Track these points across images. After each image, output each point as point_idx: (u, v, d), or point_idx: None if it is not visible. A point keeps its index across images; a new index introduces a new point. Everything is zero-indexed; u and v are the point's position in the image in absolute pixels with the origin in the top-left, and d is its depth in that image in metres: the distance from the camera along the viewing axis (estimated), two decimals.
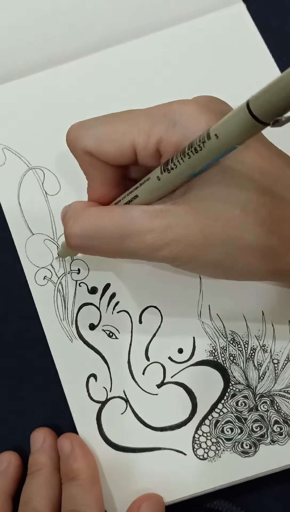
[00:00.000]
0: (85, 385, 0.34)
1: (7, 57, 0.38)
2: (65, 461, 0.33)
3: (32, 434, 0.34)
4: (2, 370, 0.36)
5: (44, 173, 0.37)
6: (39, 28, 0.38)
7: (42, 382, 0.35)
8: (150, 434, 0.34)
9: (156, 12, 0.39)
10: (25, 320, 0.36)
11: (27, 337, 0.36)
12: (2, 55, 0.38)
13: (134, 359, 0.35)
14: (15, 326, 0.36)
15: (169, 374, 0.34)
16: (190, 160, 0.25)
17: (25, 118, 0.38)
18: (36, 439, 0.34)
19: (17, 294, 0.36)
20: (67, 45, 0.38)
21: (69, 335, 0.35)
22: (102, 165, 0.29)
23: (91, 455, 0.33)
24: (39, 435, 0.34)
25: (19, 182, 0.37)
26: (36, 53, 0.38)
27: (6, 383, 0.36)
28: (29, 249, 0.36)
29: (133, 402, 0.34)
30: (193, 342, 0.35)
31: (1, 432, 0.35)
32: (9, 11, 0.38)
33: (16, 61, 0.38)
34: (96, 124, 0.29)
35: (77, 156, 0.30)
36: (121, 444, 0.34)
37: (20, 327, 0.36)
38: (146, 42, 0.39)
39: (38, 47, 0.38)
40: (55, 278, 0.36)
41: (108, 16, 0.38)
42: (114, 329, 0.35)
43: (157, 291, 0.36)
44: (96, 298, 0.36)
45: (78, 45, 0.38)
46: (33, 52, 0.38)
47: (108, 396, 0.34)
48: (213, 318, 0.35)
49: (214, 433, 0.34)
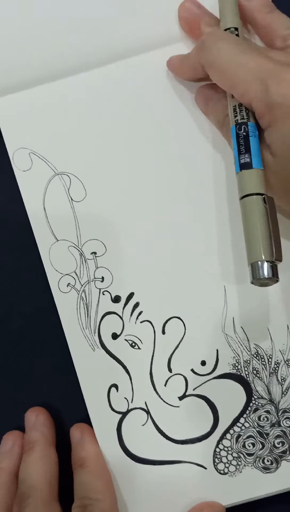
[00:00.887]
0: (107, 395, 0.34)
1: (35, 61, 0.38)
2: (74, 449, 0.33)
3: (25, 414, 0.34)
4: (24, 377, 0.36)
5: (70, 179, 0.37)
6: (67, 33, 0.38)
7: (63, 390, 0.35)
8: (171, 447, 0.33)
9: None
10: (47, 327, 0.36)
11: (49, 345, 0.36)
12: (30, 59, 0.38)
13: (156, 370, 0.34)
14: (37, 333, 0.36)
15: (191, 387, 0.34)
16: None
17: (52, 123, 0.38)
18: (28, 418, 0.34)
19: (40, 300, 0.36)
20: (96, 51, 0.38)
21: (91, 344, 0.35)
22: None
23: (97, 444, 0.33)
24: (31, 413, 0.34)
25: (45, 188, 0.37)
26: (65, 58, 0.38)
27: (26, 389, 0.35)
28: (53, 255, 0.36)
29: (154, 414, 0.34)
30: (217, 354, 0.34)
31: None
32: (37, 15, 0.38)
33: (44, 65, 0.38)
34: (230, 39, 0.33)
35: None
36: (141, 455, 0.33)
37: (42, 335, 0.36)
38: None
39: (66, 52, 0.38)
40: (78, 285, 0.36)
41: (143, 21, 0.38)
42: (137, 339, 0.35)
43: (181, 302, 0.35)
44: (119, 307, 0.35)
45: (107, 51, 0.38)
46: (61, 57, 0.38)
47: (129, 407, 0.34)
48: (237, 330, 0.35)
49: (235, 448, 0.33)
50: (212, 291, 0.35)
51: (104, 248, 0.36)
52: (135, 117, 0.37)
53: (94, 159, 0.37)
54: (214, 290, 0.35)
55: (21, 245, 0.37)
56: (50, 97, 0.38)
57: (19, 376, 0.36)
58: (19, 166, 0.37)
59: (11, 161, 0.37)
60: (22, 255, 0.37)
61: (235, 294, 0.35)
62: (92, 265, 0.36)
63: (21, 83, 0.38)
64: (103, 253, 0.36)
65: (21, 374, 0.36)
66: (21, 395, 0.36)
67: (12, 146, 0.38)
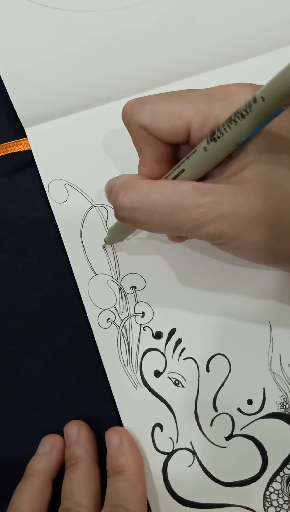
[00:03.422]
0: (151, 435, 0.33)
1: (71, 89, 0.37)
2: (113, 455, 0.32)
3: (65, 427, 0.34)
4: (64, 417, 0.35)
5: (108, 211, 0.36)
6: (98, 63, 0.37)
7: (105, 430, 0.34)
8: (219, 489, 0.33)
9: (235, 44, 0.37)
10: (87, 365, 0.35)
11: (90, 383, 0.35)
12: (65, 87, 0.37)
13: (201, 409, 0.34)
14: (78, 372, 0.35)
15: (238, 426, 0.33)
16: (237, 127, 0.25)
17: (88, 154, 0.37)
18: (70, 432, 0.34)
19: (79, 337, 0.35)
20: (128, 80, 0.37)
21: (133, 381, 0.34)
22: (155, 141, 0.29)
23: (138, 451, 0.33)
24: (73, 427, 0.34)
25: (82, 220, 0.36)
26: (98, 87, 0.37)
27: None
28: (91, 290, 0.35)
29: (200, 455, 0.33)
30: (263, 393, 0.33)
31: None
32: (76, 44, 0.37)
33: (79, 94, 0.37)
34: (153, 101, 0.29)
35: (131, 131, 0.30)
36: (188, 498, 0.33)
37: (82, 373, 0.35)
38: (214, 75, 0.37)
39: (102, 80, 0.37)
40: (118, 321, 0.35)
41: (175, 50, 0.37)
42: (180, 377, 0.34)
43: (225, 338, 0.34)
44: (161, 344, 0.35)
45: (139, 80, 0.37)
46: (97, 86, 0.37)
47: (175, 448, 0.33)
48: (284, 368, 0.34)
49: (286, 491, 0.32)
50: (257, 327, 0.34)
51: (144, 282, 0.35)
52: None
53: None
54: (259, 326, 0.34)
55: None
56: (85, 126, 0.37)
57: (61, 413, 0.35)
58: (54, 197, 0.36)
59: (46, 193, 0.36)
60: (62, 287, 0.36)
61: (281, 330, 0.34)
62: (132, 300, 0.35)
63: (55, 111, 0.37)
64: (142, 287, 0.35)
65: (64, 413, 0.35)
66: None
67: (47, 177, 0.37)
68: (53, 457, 0.33)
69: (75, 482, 0.32)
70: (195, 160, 0.27)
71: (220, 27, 0.36)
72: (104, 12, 0.36)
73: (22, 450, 0.35)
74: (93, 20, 0.36)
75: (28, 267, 0.37)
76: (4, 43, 0.36)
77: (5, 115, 0.38)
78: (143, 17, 0.36)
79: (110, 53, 0.36)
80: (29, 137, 0.37)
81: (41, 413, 0.35)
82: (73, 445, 0.33)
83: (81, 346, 0.36)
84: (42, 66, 0.36)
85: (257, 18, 0.37)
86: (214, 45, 0.36)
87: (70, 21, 0.36)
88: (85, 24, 0.36)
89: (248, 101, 0.24)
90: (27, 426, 0.35)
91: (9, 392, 0.35)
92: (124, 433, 0.33)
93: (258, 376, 0.34)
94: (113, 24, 0.36)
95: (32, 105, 0.36)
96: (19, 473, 0.34)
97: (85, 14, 0.36)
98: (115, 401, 0.34)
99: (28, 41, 0.36)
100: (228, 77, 0.36)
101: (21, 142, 0.37)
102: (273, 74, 0.22)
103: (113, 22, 0.36)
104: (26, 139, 0.37)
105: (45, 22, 0.36)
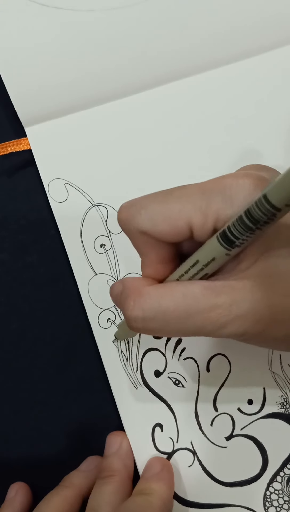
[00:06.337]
0: (151, 435, 0.33)
1: (70, 88, 0.37)
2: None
3: (108, 436, 0.33)
4: (64, 417, 0.35)
5: (108, 211, 0.36)
6: (98, 62, 0.37)
7: (105, 430, 0.34)
8: (219, 489, 0.32)
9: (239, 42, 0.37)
10: (87, 365, 0.35)
11: (90, 383, 0.35)
12: (64, 89, 0.37)
13: (201, 409, 0.34)
14: (78, 371, 0.35)
15: (239, 426, 0.33)
16: (261, 232, 0.23)
17: (88, 154, 0.36)
18: (112, 442, 0.33)
19: (79, 337, 0.35)
20: (128, 79, 0.37)
21: (133, 381, 0.34)
22: (157, 244, 0.27)
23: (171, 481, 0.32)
24: (116, 438, 0.33)
25: (82, 219, 0.36)
26: (98, 86, 0.37)
27: (68, 430, 0.35)
28: (92, 290, 0.35)
29: (200, 455, 0.33)
30: (264, 393, 0.33)
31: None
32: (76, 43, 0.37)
33: (79, 94, 0.37)
34: (148, 204, 0.27)
35: (132, 236, 0.28)
36: (188, 498, 0.33)
37: (82, 373, 0.35)
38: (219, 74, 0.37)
39: (98, 81, 0.37)
40: (118, 320, 0.35)
41: (176, 49, 0.37)
42: (181, 377, 0.34)
43: (225, 339, 0.34)
44: (161, 344, 0.35)
45: (139, 80, 0.37)
46: (97, 86, 0.37)
47: (175, 448, 0.33)
48: (285, 368, 0.34)
49: (287, 491, 0.32)
50: None
51: None
52: (174, 148, 0.36)
53: (131, 189, 0.36)
54: None
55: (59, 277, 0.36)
56: (85, 126, 0.37)
57: (61, 413, 0.35)
58: (54, 197, 0.36)
59: (46, 192, 0.36)
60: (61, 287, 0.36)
61: None
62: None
63: (55, 110, 0.37)
64: None
65: (64, 413, 0.35)
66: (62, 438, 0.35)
67: (47, 176, 0.37)
68: (93, 476, 0.33)
69: (106, 495, 0.31)
70: (216, 265, 0.26)
71: (220, 27, 0.36)
72: (104, 11, 0.36)
73: (22, 450, 0.35)
74: (93, 19, 0.36)
75: (28, 266, 0.37)
76: (4, 42, 0.36)
77: (5, 114, 0.38)
78: (143, 16, 0.36)
79: (110, 53, 0.36)
80: (29, 137, 0.37)
81: (41, 413, 0.35)
82: (113, 456, 0.33)
83: (81, 346, 0.35)
84: (42, 65, 0.36)
85: (257, 17, 0.36)
86: (215, 45, 0.36)
87: (70, 21, 0.36)
88: (85, 24, 0.36)
89: (268, 209, 0.22)
90: (27, 426, 0.35)
91: (9, 392, 0.35)
92: (125, 439, 0.33)
93: (258, 376, 0.34)
94: (113, 23, 0.36)
95: (32, 105, 0.36)
96: (18, 473, 0.34)
97: (85, 14, 0.36)
98: (115, 401, 0.34)
99: (28, 41, 0.36)
100: (228, 77, 0.36)
101: (21, 141, 0.37)
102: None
103: (113, 21, 0.36)
104: (26, 138, 0.37)
105: (45, 21, 0.36)
